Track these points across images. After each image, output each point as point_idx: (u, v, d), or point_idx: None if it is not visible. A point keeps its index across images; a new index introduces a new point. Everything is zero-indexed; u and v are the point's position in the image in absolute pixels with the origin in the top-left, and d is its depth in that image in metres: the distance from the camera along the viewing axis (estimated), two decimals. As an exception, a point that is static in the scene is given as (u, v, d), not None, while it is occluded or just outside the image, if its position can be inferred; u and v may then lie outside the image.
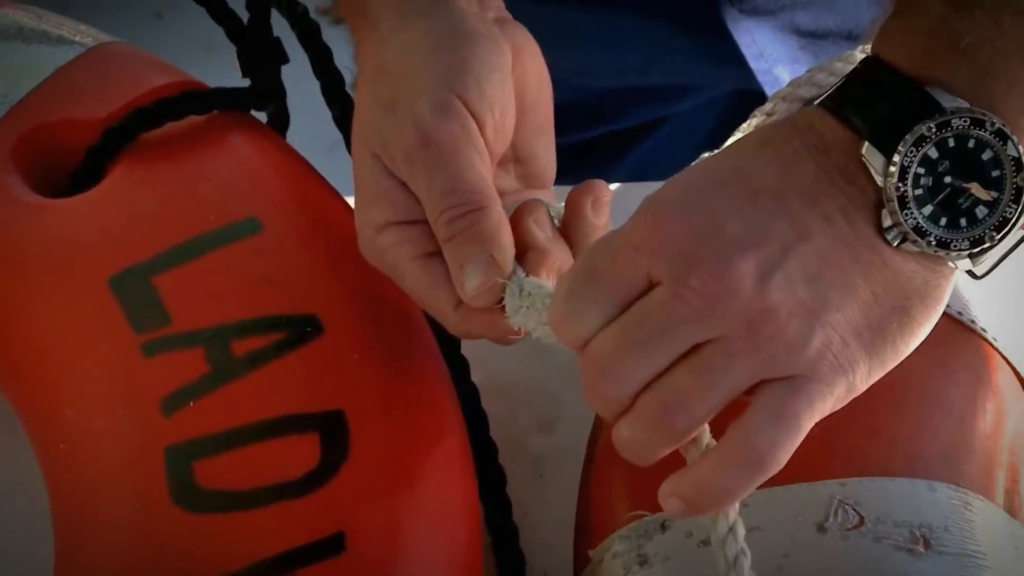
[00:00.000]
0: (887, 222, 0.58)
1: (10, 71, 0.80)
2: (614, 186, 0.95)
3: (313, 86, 0.77)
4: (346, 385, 0.69)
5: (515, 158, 0.72)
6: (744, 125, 0.79)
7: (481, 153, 0.67)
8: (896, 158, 0.57)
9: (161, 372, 0.69)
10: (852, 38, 0.96)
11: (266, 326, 0.70)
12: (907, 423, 0.66)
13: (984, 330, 0.69)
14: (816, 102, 0.60)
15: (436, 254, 0.67)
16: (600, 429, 0.73)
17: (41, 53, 0.82)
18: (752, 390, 0.58)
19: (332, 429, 0.68)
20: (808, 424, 0.57)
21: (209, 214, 0.74)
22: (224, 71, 0.87)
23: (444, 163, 0.66)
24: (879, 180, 0.57)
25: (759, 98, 1.20)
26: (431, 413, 0.71)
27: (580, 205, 0.68)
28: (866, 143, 0.58)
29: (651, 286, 0.58)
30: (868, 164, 0.58)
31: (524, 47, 0.71)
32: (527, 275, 0.65)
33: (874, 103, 0.58)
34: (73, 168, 0.78)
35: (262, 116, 0.84)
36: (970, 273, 0.59)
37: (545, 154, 0.72)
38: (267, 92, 0.82)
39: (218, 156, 0.78)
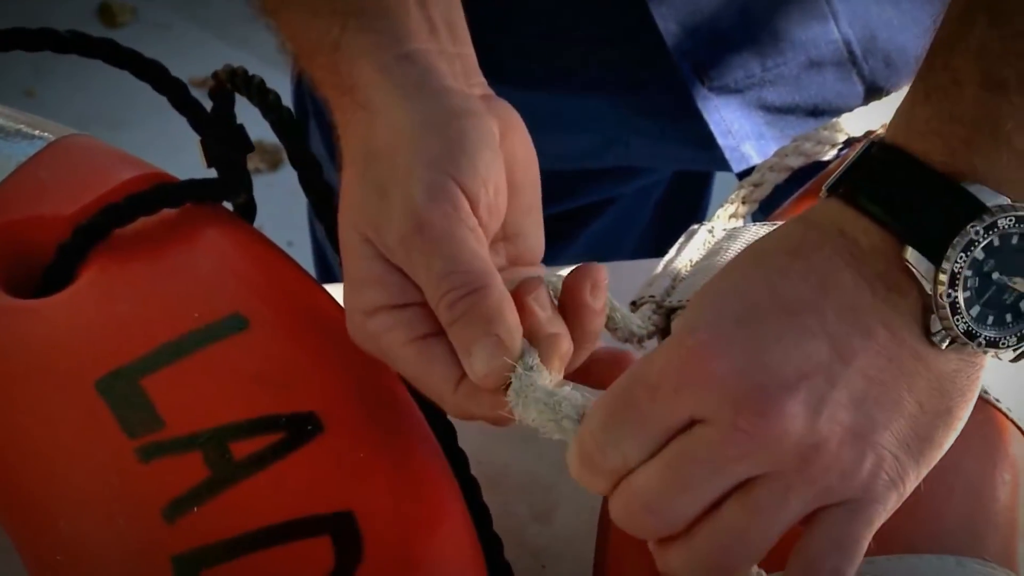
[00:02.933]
0: (936, 327, 0.57)
1: (-31, 169, 0.78)
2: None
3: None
4: (353, 484, 0.68)
5: (504, 236, 0.71)
6: (732, 195, 0.79)
7: (476, 232, 0.66)
8: (946, 265, 0.56)
9: (160, 478, 0.67)
10: (817, 114, 0.96)
11: (264, 426, 0.68)
12: (929, 498, 0.66)
13: (998, 400, 0.69)
14: (831, 187, 0.59)
15: (431, 336, 0.66)
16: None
17: (0, 149, 0.79)
18: (808, 517, 0.58)
19: (343, 531, 0.66)
20: (867, 542, 0.57)
21: (192, 311, 0.72)
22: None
23: (440, 246, 0.65)
24: (927, 287, 0.56)
25: (701, 178, 1.20)
26: (439, 509, 0.69)
27: (578, 290, 0.67)
28: (910, 249, 0.56)
29: (693, 422, 0.57)
30: (913, 270, 0.57)
31: (511, 124, 0.70)
32: (535, 358, 0.64)
33: (913, 204, 0.57)
34: (43, 267, 0.75)
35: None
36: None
37: (534, 232, 0.72)
38: (238, 182, 0.80)
39: (195, 251, 0.76)
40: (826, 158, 0.82)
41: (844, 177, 0.59)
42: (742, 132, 0.95)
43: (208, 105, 0.80)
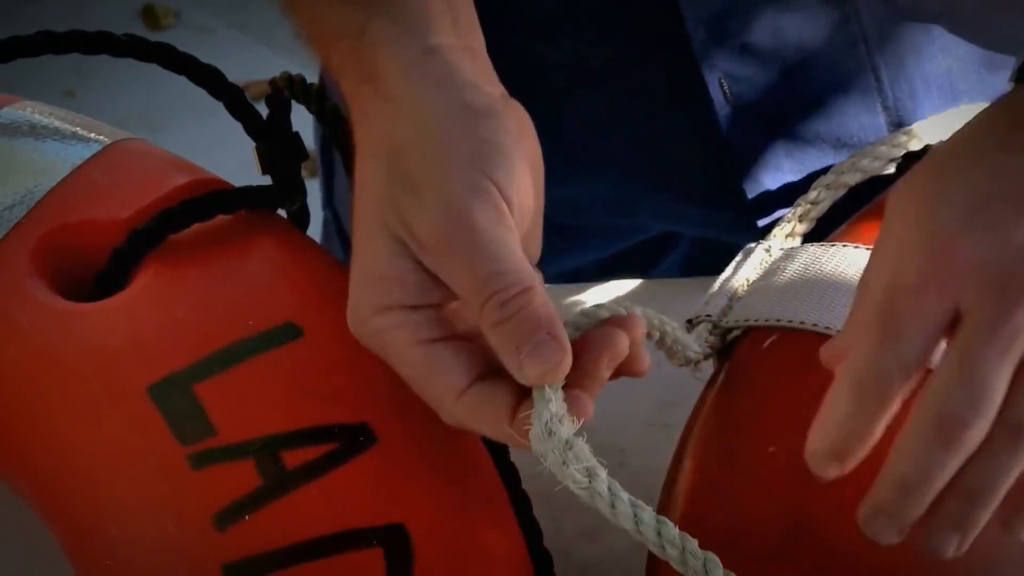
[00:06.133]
0: None
1: (25, 171, 0.78)
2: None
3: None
4: (405, 496, 0.67)
5: None
6: (789, 214, 0.79)
7: (514, 234, 0.65)
8: None
9: (211, 485, 0.67)
10: (840, 146, 0.93)
11: (317, 436, 0.68)
12: (988, 529, 0.65)
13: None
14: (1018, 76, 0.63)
15: (440, 340, 0.66)
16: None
17: (56, 151, 0.79)
18: None
19: (395, 543, 0.66)
20: None
21: (247, 319, 0.72)
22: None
23: (484, 246, 0.64)
24: None
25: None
26: (490, 523, 0.69)
27: (595, 361, 0.66)
28: None
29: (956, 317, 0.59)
30: None
31: (525, 126, 0.69)
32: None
33: None
34: (97, 271, 0.75)
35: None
36: None
37: (538, 235, 0.71)
38: (293, 190, 0.80)
39: (249, 258, 0.76)
40: (885, 173, 0.82)
41: None
42: (762, 161, 0.93)
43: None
